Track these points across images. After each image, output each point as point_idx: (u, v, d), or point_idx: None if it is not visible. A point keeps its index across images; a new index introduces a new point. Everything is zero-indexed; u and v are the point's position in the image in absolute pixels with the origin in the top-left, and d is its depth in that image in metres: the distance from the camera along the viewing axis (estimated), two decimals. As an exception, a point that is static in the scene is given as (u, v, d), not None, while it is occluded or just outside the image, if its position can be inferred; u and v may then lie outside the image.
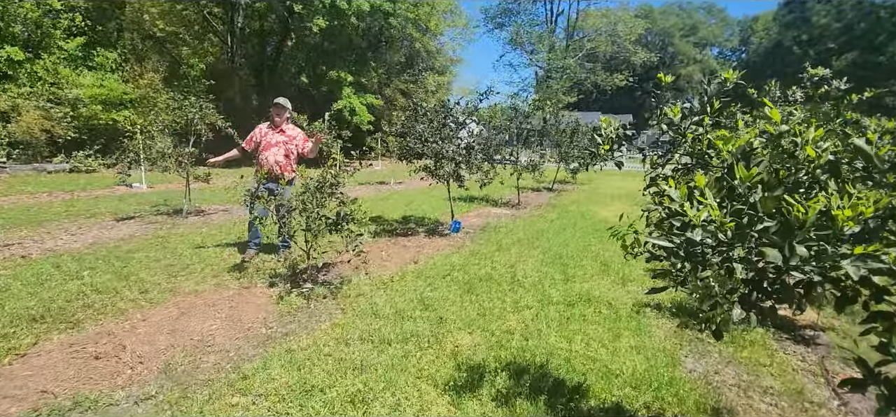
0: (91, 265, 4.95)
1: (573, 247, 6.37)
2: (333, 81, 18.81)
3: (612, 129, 2.05)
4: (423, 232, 7.25)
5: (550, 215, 9.06)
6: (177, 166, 7.29)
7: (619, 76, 41.40)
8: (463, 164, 6.90)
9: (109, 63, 14.24)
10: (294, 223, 4.33)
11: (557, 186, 14.23)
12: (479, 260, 5.60)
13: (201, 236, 6.43)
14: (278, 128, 5.43)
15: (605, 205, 10.68)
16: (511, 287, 4.63)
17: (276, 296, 4.21)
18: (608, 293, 4.54)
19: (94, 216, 7.57)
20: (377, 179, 15.46)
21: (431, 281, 4.76)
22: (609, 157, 2.12)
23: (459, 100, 7.28)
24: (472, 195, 10.67)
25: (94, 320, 3.65)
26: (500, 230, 7.42)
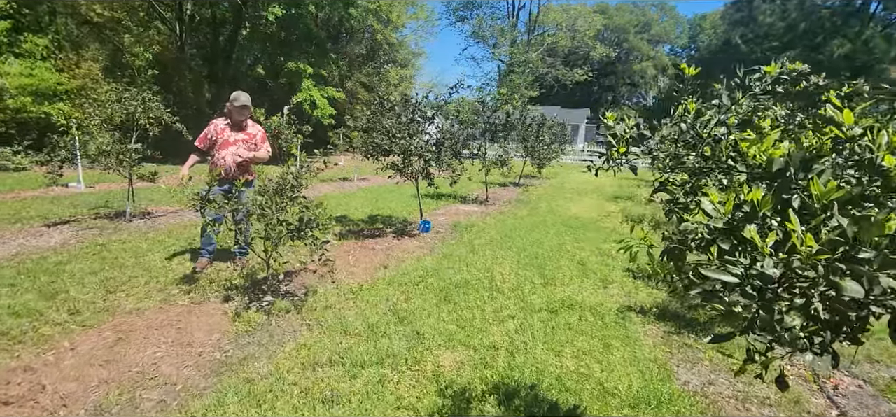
0: (11, 281, 4.31)
1: (548, 246, 6.19)
2: (292, 73, 17.97)
3: (626, 127, 1.79)
4: (391, 232, 6.89)
5: (521, 212, 8.89)
6: (118, 164, 6.59)
7: (578, 71, 42.04)
8: (433, 161, 6.59)
9: (40, 50, 12.93)
10: (252, 229, 3.90)
11: (524, 181, 14.15)
12: (453, 263, 5.31)
13: (147, 242, 5.81)
14: (238, 125, 4.88)
15: (573, 200, 10.63)
16: (490, 293, 4.36)
17: (232, 313, 3.77)
18: (591, 297, 4.35)
19: (21, 221, 6.75)
20: (340, 176, 14.89)
21: (405, 288, 4.43)
22: (623, 162, 1.85)
23: (428, 94, 6.95)
24: (440, 192, 10.37)
25: (9, 352, 3.11)
26: (471, 229, 7.16)
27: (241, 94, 4.88)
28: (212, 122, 4.92)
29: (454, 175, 7.05)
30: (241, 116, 4.83)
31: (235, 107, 4.78)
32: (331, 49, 21.28)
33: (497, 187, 12.84)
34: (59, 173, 6.51)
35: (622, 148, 1.81)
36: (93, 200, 8.42)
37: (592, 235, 6.97)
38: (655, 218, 8.36)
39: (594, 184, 14.48)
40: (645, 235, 1.96)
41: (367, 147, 6.41)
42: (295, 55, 18.45)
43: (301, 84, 18.06)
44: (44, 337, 3.29)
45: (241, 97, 4.83)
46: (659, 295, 4.54)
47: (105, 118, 6.87)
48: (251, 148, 4.88)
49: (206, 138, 4.83)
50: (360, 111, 7.14)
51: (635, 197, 11.21)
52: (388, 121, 6.38)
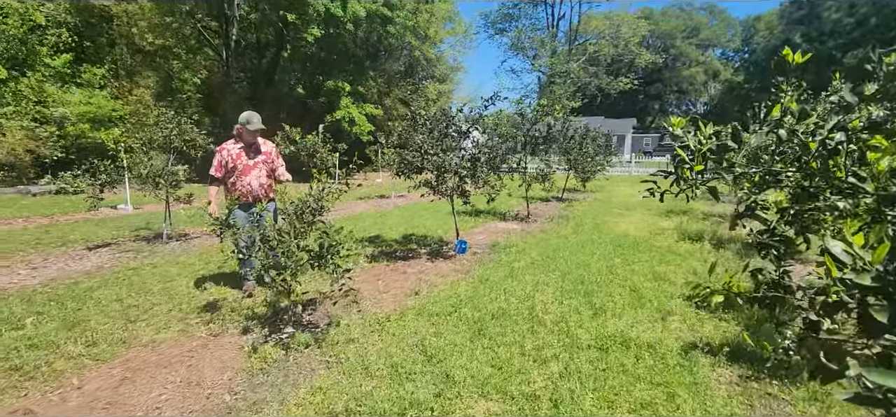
0: (40, 308, 4.26)
1: (595, 269, 5.63)
2: (331, 91, 18.19)
3: (701, 137, 1.33)
4: (425, 253, 6.53)
5: (564, 230, 8.32)
6: (154, 187, 6.62)
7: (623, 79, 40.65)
8: (468, 178, 6.20)
9: (97, 79, 13.68)
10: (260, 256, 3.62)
11: (567, 195, 13.49)
12: (490, 289, 4.87)
13: (177, 266, 5.74)
14: (252, 146, 4.69)
15: (621, 216, 9.92)
16: (530, 326, 3.89)
17: (249, 347, 3.49)
18: (648, 332, 3.79)
19: (66, 244, 6.91)
20: (378, 193, 14.77)
21: (435, 320, 4.03)
22: (698, 183, 1.38)
23: (462, 108, 6.59)
24: (478, 209, 9.95)
25: (18, 389, 2.95)
26: (510, 249, 6.69)
27: (254, 116, 4.67)
28: (222, 148, 4.65)
29: (492, 191, 6.64)
30: (252, 137, 4.64)
31: (249, 131, 4.58)
32: (369, 67, 21.47)
33: (538, 202, 12.28)
34: (100, 197, 6.62)
35: (699, 164, 1.35)
36: (136, 222, 8.59)
37: (645, 256, 6.33)
38: (716, 234, 7.58)
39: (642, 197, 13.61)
40: (730, 279, 1.48)
41: (399, 164, 6.11)
42: (334, 73, 18.70)
43: (339, 102, 18.25)
44: (55, 373, 3.13)
45: (254, 120, 4.62)
46: (729, 328, 3.92)
47: (145, 141, 6.97)
48: (270, 167, 4.70)
49: (222, 166, 4.59)
50: (393, 127, 6.87)
51: (691, 211, 10.34)
52: (420, 137, 6.06)
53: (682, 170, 1.38)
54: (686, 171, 1.37)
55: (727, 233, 7.81)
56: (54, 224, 8.64)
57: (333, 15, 16.50)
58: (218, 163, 4.60)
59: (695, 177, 1.37)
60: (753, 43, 58.34)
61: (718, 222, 9.17)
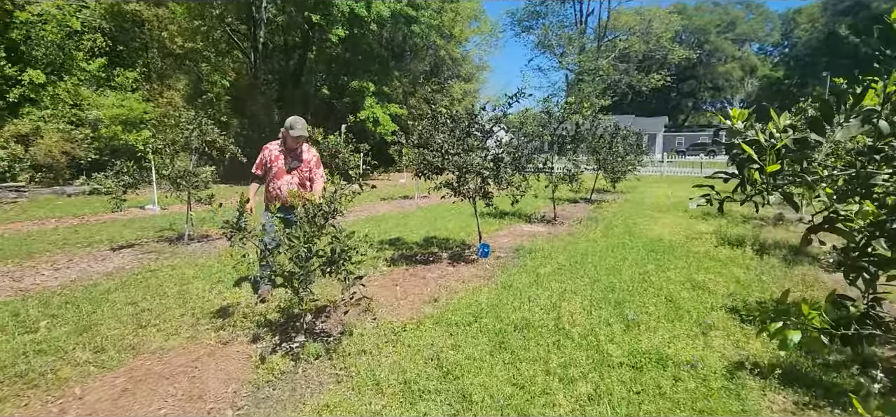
0: (56, 311, 4.22)
1: (627, 277, 5.27)
2: (355, 91, 18.19)
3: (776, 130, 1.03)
4: (446, 257, 6.29)
5: (593, 233, 7.93)
6: (175, 188, 6.61)
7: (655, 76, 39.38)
8: (491, 179, 5.92)
9: (130, 82, 14.03)
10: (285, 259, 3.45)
11: (596, 196, 13.02)
12: (513, 297, 4.59)
13: (195, 268, 5.67)
14: (293, 152, 4.57)
15: (654, 218, 9.44)
16: (556, 340, 3.59)
17: (257, 357, 3.33)
18: (687, 348, 3.44)
19: (92, 245, 6.98)
20: (401, 193, 14.63)
21: (454, 331, 3.78)
22: (770, 187, 1.09)
23: (485, 106, 6.32)
24: (503, 210, 9.65)
25: (21, 397, 2.86)
26: (535, 254, 6.37)
27: (298, 122, 4.53)
28: (266, 147, 4.66)
29: (516, 192, 6.34)
30: (294, 142, 4.51)
31: (291, 136, 4.47)
32: (394, 67, 21.41)
33: (566, 204, 11.87)
34: (123, 198, 6.64)
35: (773, 164, 1.05)
36: (161, 223, 8.67)
37: (681, 262, 5.92)
38: (759, 239, 7.07)
39: (677, 198, 13.00)
40: (810, 312, 1.17)
41: (419, 165, 5.89)
42: (358, 74, 18.70)
43: (364, 102, 18.22)
44: (59, 381, 3.03)
45: (298, 126, 4.49)
46: (778, 346, 3.51)
47: (168, 142, 6.98)
48: (305, 175, 4.54)
49: (262, 164, 4.60)
50: (413, 126, 6.66)
51: (729, 213, 9.77)
52: (441, 136, 5.82)
53: (750, 172, 1.08)
54: (754, 173, 1.08)
55: (771, 238, 7.28)
56: (84, 224, 8.82)
57: (357, 15, 16.47)
58: (259, 161, 4.61)
59: (766, 180, 1.08)
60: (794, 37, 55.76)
61: (760, 225, 8.60)
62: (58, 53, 13.10)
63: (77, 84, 13.29)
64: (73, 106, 13.13)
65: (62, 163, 12.43)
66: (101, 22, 14.22)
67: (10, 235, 7.69)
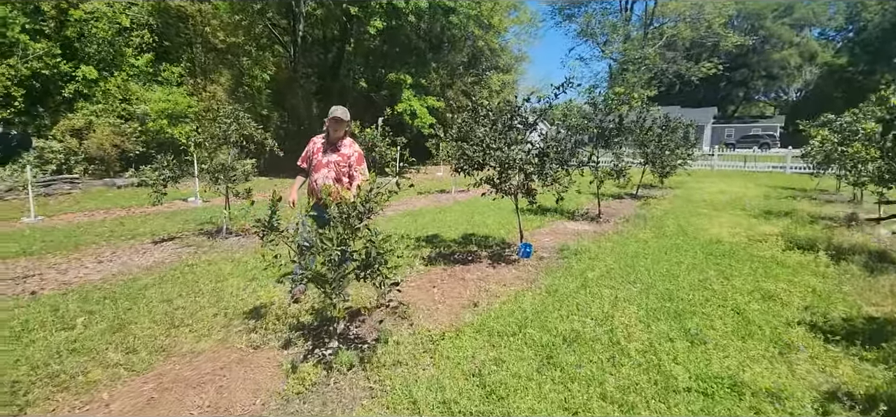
0: (94, 307, 4.20)
1: (685, 284, 4.80)
2: (393, 84, 18.07)
3: None
4: (486, 257, 5.98)
5: (643, 232, 7.41)
6: (213, 182, 6.60)
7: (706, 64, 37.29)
8: (535, 175, 5.56)
9: (175, 77, 14.42)
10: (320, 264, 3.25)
11: (642, 192, 12.33)
12: (560, 304, 4.23)
13: (231, 264, 5.60)
14: (334, 145, 4.35)
15: (709, 217, 8.78)
16: (611, 356, 3.22)
17: (288, 365, 3.13)
18: (766, 373, 3.00)
19: (135, 237, 7.09)
20: (438, 188, 14.39)
21: (496, 342, 3.48)
22: None
23: (529, 97, 5.94)
24: (544, 207, 9.23)
25: (50, 401, 2.78)
26: (582, 255, 5.97)
27: (337, 107, 4.34)
28: (312, 139, 4.49)
29: (560, 189, 5.94)
30: (335, 132, 4.29)
31: (330, 120, 4.27)
32: (431, 58, 21.14)
33: (610, 200, 11.29)
34: (163, 192, 6.68)
35: None
36: (202, 216, 8.76)
37: (745, 268, 5.37)
38: (833, 243, 6.37)
39: (732, 194, 12.15)
40: None
41: (458, 160, 5.58)
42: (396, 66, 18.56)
43: (401, 94, 18.07)
44: (89, 385, 2.94)
45: (336, 109, 4.29)
46: (875, 371, 3.03)
47: (207, 136, 6.98)
48: (343, 170, 4.30)
49: (306, 157, 4.44)
50: (451, 119, 6.35)
51: (794, 212, 8.97)
52: (481, 130, 5.49)
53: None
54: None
55: (846, 241, 6.57)
56: (130, 216, 9.04)
57: (395, 6, 16.29)
58: (304, 154, 4.47)
59: None
60: (861, 20, 51.61)
61: (830, 226, 7.82)
62: (108, 50, 13.58)
63: (126, 79, 13.76)
64: (123, 100, 13.61)
65: (113, 155, 12.90)
66: (149, 18, 14.66)
67: (62, 227, 7.95)
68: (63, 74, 13.00)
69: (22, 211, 8.83)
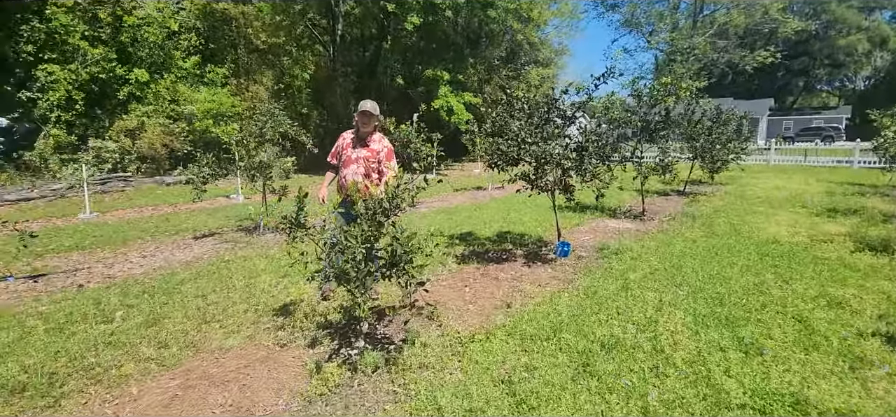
0: (133, 300, 4.31)
1: (738, 288, 4.42)
2: (430, 80, 18.00)
3: None
4: (521, 256, 5.77)
5: (691, 231, 6.96)
6: (250, 179, 6.71)
7: (762, 53, 35.02)
8: (573, 170, 5.29)
9: (220, 78, 14.94)
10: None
11: (690, 188, 11.68)
12: (599, 306, 3.98)
13: (266, 260, 5.66)
14: (363, 140, 4.28)
15: (766, 215, 8.16)
16: (654, 365, 2.97)
17: (313, 365, 3.06)
18: (836, 393, 2.66)
19: (178, 233, 7.33)
20: (474, 184, 14.21)
21: (529, 346, 3.28)
22: None
23: (567, 89, 5.66)
24: (584, 203, 8.88)
25: (83, 393, 2.82)
26: (623, 254, 5.64)
27: (366, 101, 4.26)
28: (342, 135, 4.41)
29: (601, 186, 5.64)
30: (364, 127, 4.21)
31: (359, 114, 4.19)
32: (469, 54, 20.92)
33: (655, 196, 10.75)
34: (203, 189, 6.85)
35: None
36: (242, 212, 8.97)
37: (808, 271, 4.90)
38: (911, 244, 5.74)
39: (790, 191, 11.30)
40: None
41: (492, 155, 5.39)
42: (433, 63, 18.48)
43: (438, 91, 17.98)
44: (121, 379, 2.97)
45: (365, 103, 4.20)
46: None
47: (245, 134, 7.10)
48: (372, 166, 4.20)
49: (336, 152, 4.36)
50: (486, 113, 6.16)
51: (863, 209, 8.18)
52: (516, 124, 5.28)
53: None
54: None
55: (926, 243, 5.89)
56: (175, 212, 9.38)
57: (432, 2, 16.19)
58: (334, 149, 4.40)
59: None
60: (939, 0, 47.12)
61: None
62: (159, 53, 14.22)
63: (175, 81, 14.37)
64: (172, 101, 14.23)
65: (162, 154, 13.52)
66: (196, 22, 15.27)
67: (114, 222, 8.33)
68: (118, 77, 13.72)
69: (80, 208, 9.34)
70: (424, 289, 3.23)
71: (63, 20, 12.84)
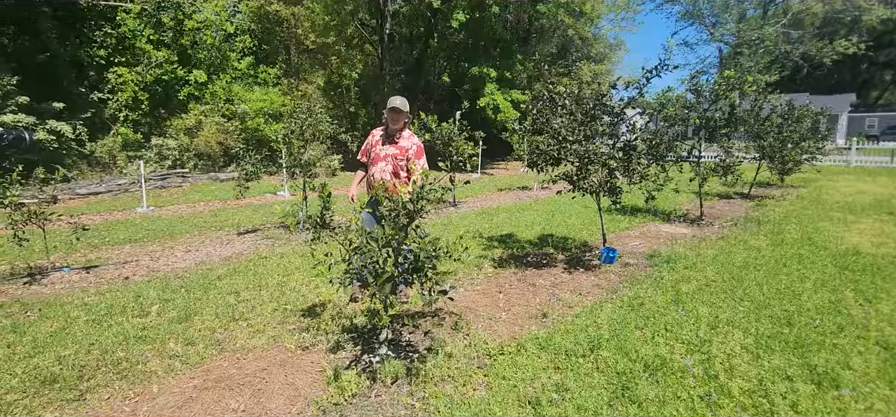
0: (170, 295, 4.40)
1: (811, 306, 3.89)
2: (475, 78, 17.75)
3: None
4: (562, 261, 5.44)
5: (755, 239, 6.33)
6: (290, 177, 6.77)
7: (843, 43, 31.93)
8: (619, 171, 4.90)
9: (271, 78, 15.45)
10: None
11: (756, 191, 10.75)
12: (644, 321, 3.61)
13: (301, 259, 5.66)
14: (392, 137, 4.16)
15: (845, 223, 7.31)
16: (705, 395, 2.60)
17: (332, 372, 2.93)
18: (935, 444, 2.21)
19: (223, 229, 7.53)
20: (519, 183, 13.84)
21: (562, 364, 3.00)
22: None
23: (615, 84, 5.27)
24: (635, 206, 8.35)
25: (108, 388, 2.84)
26: (675, 263, 5.17)
27: (396, 97, 4.15)
28: (372, 131, 4.34)
29: (650, 188, 5.21)
30: (393, 123, 4.08)
31: (388, 110, 4.08)
32: (517, 50, 20.47)
33: (715, 199, 9.98)
34: (246, 186, 6.99)
35: None
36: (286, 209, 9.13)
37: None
38: None
39: (875, 195, 10.13)
40: None
41: (532, 154, 5.09)
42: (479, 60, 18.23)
43: (484, 88, 17.70)
44: (145, 375, 2.98)
45: (394, 99, 4.09)
46: None
47: (288, 131, 7.19)
48: (400, 164, 4.07)
49: (366, 151, 4.28)
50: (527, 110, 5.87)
51: (965, 219, 7.15)
52: (558, 121, 4.95)
53: None
54: None
55: None
56: (224, 208, 9.71)
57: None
58: (363, 147, 4.33)
59: None
60: None
61: None
62: (216, 55, 14.88)
63: (230, 81, 14.99)
64: (227, 101, 14.84)
65: (217, 152, 14.14)
66: (250, 24, 15.87)
67: (167, 217, 8.72)
68: (179, 79, 14.48)
69: (139, 203, 9.87)
70: (449, 298, 3.02)
71: (131, 25, 13.71)
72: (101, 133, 13.37)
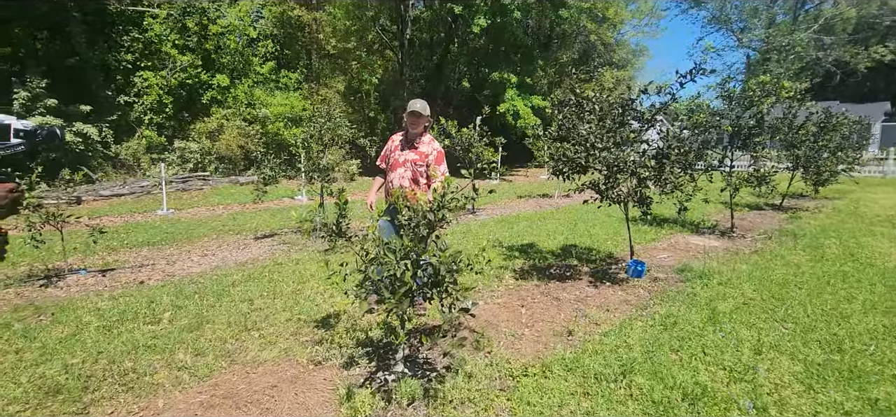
0: (183, 301, 4.30)
1: (863, 329, 3.58)
2: (496, 83, 17.56)
3: None
4: (587, 274, 5.18)
5: (793, 254, 5.97)
6: (308, 181, 6.67)
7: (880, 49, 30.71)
8: (650, 180, 4.64)
9: (292, 83, 15.53)
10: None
11: (789, 202, 10.28)
12: (680, 343, 3.35)
13: (317, 265, 5.51)
14: (412, 142, 4.01)
15: (891, 237, 6.87)
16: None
17: (344, 390, 2.76)
18: None
19: (240, 233, 7.48)
20: (540, 191, 13.56)
21: (591, 388, 2.77)
22: None
23: (646, 89, 5.01)
24: (662, 216, 8.02)
25: (112, 401, 2.72)
26: (709, 279, 4.88)
27: (416, 100, 4.01)
28: (391, 136, 4.21)
29: (683, 198, 4.93)
30: (413, 127, 3.94)
31: (407, 114, 3.94)
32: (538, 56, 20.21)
33: (746, 210, 9.57)
34: (264, 190, 6.92)
35: None
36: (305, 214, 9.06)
37: (957, 312, 3.90)
38: None
39: (919, 209, 9.57)
40: None
41: (556, 161, 4.87)
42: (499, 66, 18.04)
43: (504, 94, 17.49)
44: (151, 388, 2.85)
45: (414, 103, 3.95)
46: None
47: (306, 136, 7.11)
48: (420, 170, 3.91)
49: (384, 156, 4.15)
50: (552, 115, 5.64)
51: None
52: (585, 127, 4.72)
53: None
54: None
55: None
56: (243, 211, 9.70)
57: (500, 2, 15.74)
58: (382, 152, 4.20)
59: None
60: None
61: None
62: (239, 59, 15.02)
63: (252, 85, 15.11)
64: (248, 105, 14.96)
65: (238, 155, 14.24)
66: (273, 29, 16.00)
67: (187, 219, 8.73)
68: (202, 83, 14.66)
69: (160, 205, 9.93)
70: (470, 315, 2.82)
71: (158, 30, 13.94)
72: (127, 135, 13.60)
